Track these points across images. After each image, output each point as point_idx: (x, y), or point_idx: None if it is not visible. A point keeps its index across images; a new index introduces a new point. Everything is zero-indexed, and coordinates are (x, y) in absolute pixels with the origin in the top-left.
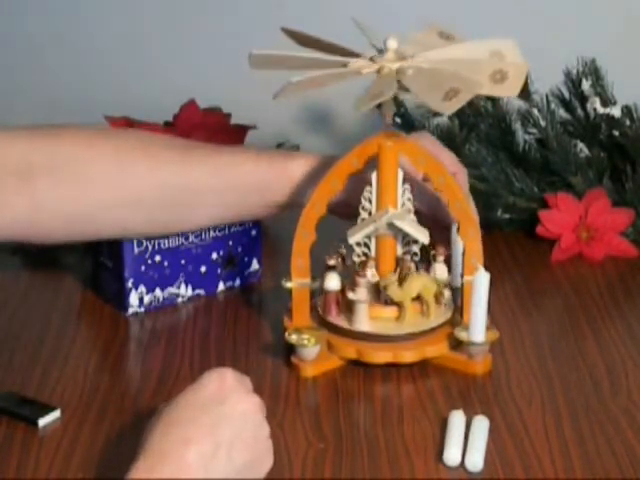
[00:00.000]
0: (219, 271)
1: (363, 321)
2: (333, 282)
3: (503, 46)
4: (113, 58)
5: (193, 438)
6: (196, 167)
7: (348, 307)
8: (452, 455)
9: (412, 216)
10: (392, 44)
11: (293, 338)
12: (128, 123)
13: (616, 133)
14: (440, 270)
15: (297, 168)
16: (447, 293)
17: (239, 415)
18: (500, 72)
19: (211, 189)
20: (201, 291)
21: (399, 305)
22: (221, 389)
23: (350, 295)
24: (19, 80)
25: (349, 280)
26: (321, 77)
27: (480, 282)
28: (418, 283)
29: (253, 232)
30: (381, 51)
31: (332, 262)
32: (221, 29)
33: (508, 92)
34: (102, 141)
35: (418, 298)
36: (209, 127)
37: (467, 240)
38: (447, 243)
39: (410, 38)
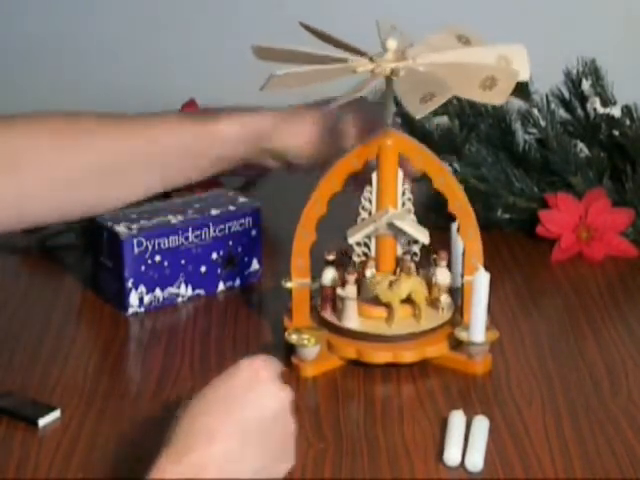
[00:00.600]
0: (219, 271)
1: (352, 318)
2: (328, 277)
3: (511, 51)
4: (113, 58)
5: (219, 432)
6: (128, 136)
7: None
8: (452, 455)
9: (412, 216)
10: (391, 45)
11: (293, 338)
12: None
13: (616, 133)
14: (442, 275)
15: (220, 126)
16: (445, 297)
17: (268, 411)
18: (491, 78)
19: (144, 155)
20: (201, 291)
21: (387, 306)
22: (252, 382)
23: (339, 291)
24: (19, 80)
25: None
26: (309, 72)
27: (480, 282)
28: (408, 285)
29: (253, 232)
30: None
31: (331, 257)
32: (221, 29)
33: (496, 99)
34: (39, 126)
35: (410, 300)
36: None
37: (467, 240)
38: None
39: (425, 40)
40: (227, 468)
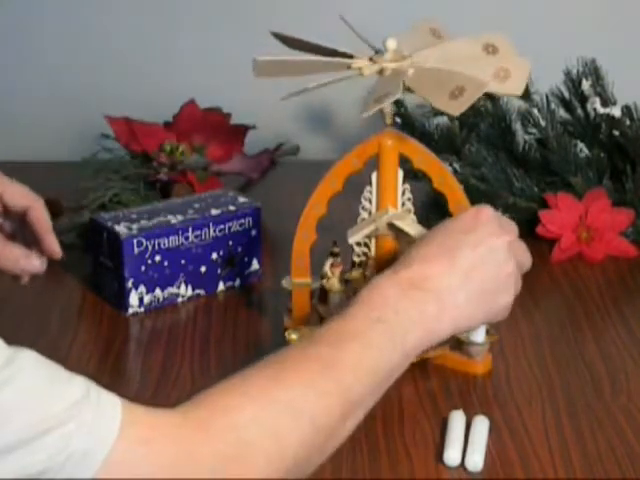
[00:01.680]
0: (219, 271)
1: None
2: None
3: (495, 40)
4: (113, 58)
5: (433, 257)
6: None
7: None
8: (452, 455)
9: (412, 216)
10: (392, 44)
11: (293, 338)
12: (128, 123)
13: (616, 133)
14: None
15: None
16: None
17: (484, 246)
18: (460, 88)
19: None
20: (201, 291)
21: None
22: (474, 221)
23: (323, 282)
24: (19, 80)
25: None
26: (329, 81)
27: None
28: (353, 279)
29: (253, 232)
30: (378, 51)
31: (336, 249)
32: (221, 29)
33: (511, 90)
34: None
35: None
36: (209, 127)
37: None
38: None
39: (402, 38)
40: (442, 289)
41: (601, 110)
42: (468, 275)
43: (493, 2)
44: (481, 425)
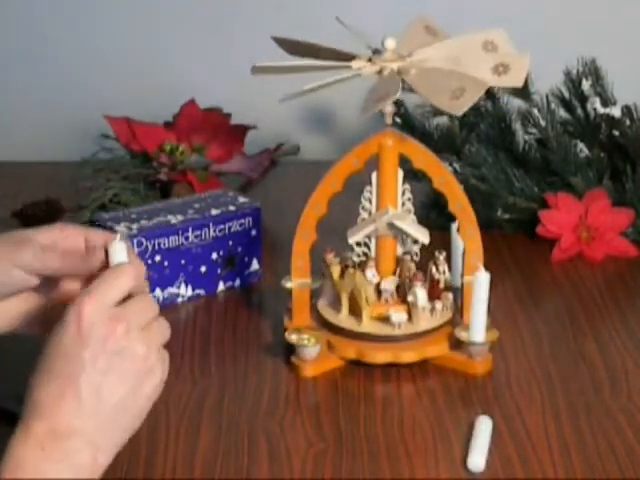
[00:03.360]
0: (219, 271)
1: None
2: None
3: (494, 36)
4: (113, 58)
5: (60, 393)
6: None
7: (351, 307)
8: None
9: (412, 216)
10: (390, 44)
11: (293, 338)
12: (128, 123)
13: (616, 133)
14: (421, 294)
15: None
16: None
17: (103, 355)
18: (502, 65)
19: None
20: (201, 291)
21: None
22: (79, 331)
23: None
24: (19, 80)
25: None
26: (327, 82)
27: (480, 282)
28: (352, 280)
29: (253, 232)
30: (376, 51)
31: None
32: (221, 29)
33: (512, 82)
34: None
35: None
36: (209, 127)
37: (467, 239)
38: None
39: (398, 37)
40: (84, 426)
41: (601, 110)
42: (101, 397)
43: (493, 2)
44: (485, 426)
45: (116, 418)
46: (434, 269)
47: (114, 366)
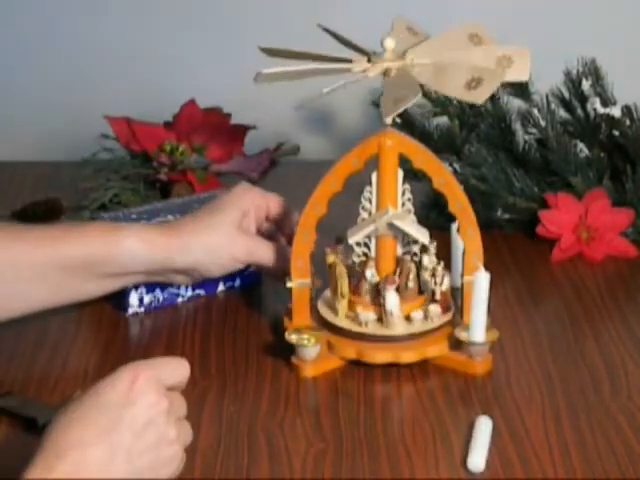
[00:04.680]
0: None
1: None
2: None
3: (513, 52)
4: (113, 58)
5: (90, 441)
6: (16, 241)
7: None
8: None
9: (412, 216)
10: (390, 44)
11: (293, 338)
12: (128, 123)
13: (616, 133)
14: (390, 298)
15: (126, 239)
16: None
17: (142, 419)
18: (477, 80)
19: (31, 264)
20: (201, 291)
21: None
22: (129, 391)
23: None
24: (19, 80)
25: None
26: (299, 70)
27: (480, 282)
28: (336, 271)
29: None
30: (374, 53)
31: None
32: (221, 29)
33: (478, 99)
34: None
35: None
36: (209, 127)
37: (467, 240)
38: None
39: (435, 38)
40: (98, 475)
41: (601, 110)
42: (130, 458)
43: (493, 2)
44: (485, 426)
45: None
46: (432, 280)
47: (147, 434)
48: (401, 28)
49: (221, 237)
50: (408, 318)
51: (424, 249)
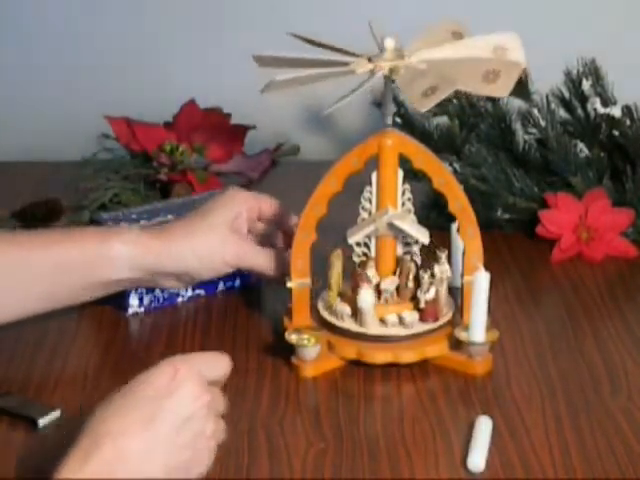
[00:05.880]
0: None
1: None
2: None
3: (506, 40)
4: (113, 58)
5: (130, 430)
6: (11, 245)
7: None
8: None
9: (412, 216)
10: (390, 44)
11: (293, 338)
12: (128, 123)
13: (616, 133)
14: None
15: (117, 243)
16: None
17: (184, 412)
18: (493, 72)
19: (26, 268)
20: (201, 291)
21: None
22: (170, 383)
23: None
24: (18, 81)
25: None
26: (309, 76)
27: (480, 282)
28: (335, 266)
29: None
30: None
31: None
32: (221, 29)
33: (500, 92)
34: None
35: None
36: (209, 127)
37: (467, 239)
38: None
39: (420, 37)
40: (136, 467)
41: (601, 110)
42: (168, 450)
43: (493, 2)
44: (485, 426)
45: (170, 475)
46: (422, 287)
47: (187, 428)
48: (443, 31)
49: (212, 241)
50: (382, 320)
51: (435, 258)
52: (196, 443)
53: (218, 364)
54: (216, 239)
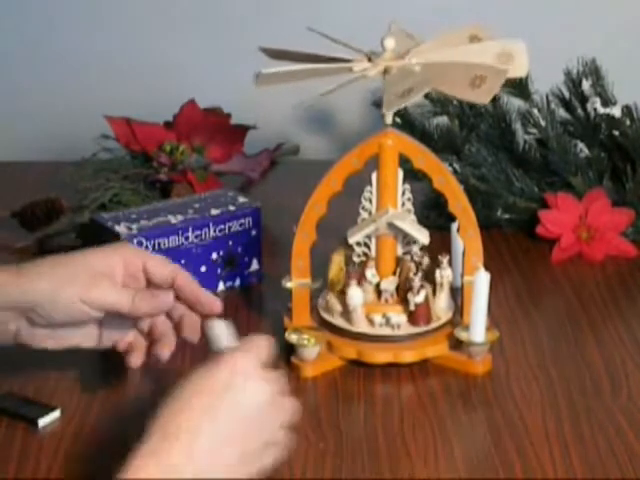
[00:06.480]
0: (219, 271)
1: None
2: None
3: (511, 47)
4: (113, 58)
5: (197, 431)
6: None
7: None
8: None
9: (412, 216)
10: (390, 44)
11: (293, 338)
12: (128, 123)
13: (616, 133)
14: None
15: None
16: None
17: (248, 409)
18: (480, 77)
19: None
20: None
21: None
22: (232, 378)
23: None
24: (19, 80)
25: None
26: (301, 70)
27: (480, 282)
28: (335, 261)
29: (253, 232)
30: (372, 53)
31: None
32: (221, 29)
33: (482, 98)
34: None
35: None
36: (209, 127)
37: (467, 239)
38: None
39: (435, 39)
40: (204, 467)
41: (601, 110)
42: (239, 439)
43: (493, 2)
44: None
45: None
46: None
47: (256, 419)
48: (398, 32)
49: (62, 284)
50: (369, 319)
51: (436, 262)
52: (266, 426)
53: (268, 347)
54: (67, 283)
